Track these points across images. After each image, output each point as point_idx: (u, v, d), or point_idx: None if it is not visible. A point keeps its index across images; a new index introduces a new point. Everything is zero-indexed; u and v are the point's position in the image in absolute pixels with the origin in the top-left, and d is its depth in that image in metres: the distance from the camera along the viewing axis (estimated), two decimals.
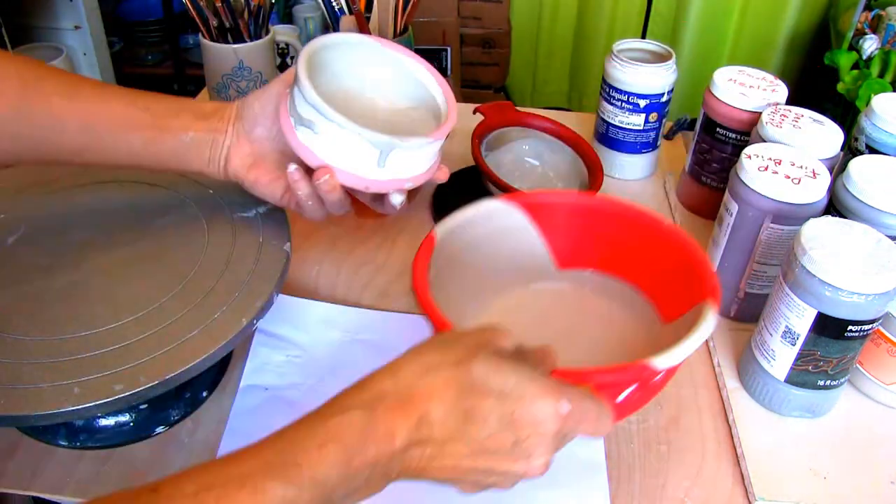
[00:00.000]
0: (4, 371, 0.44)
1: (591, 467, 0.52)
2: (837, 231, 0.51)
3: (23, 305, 0.49)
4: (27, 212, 0.57)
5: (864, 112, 0.65)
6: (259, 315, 0.49)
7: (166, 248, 0.54)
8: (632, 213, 0.57)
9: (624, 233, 0.58)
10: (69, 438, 0.52)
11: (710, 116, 0.73)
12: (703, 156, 0.76)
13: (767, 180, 0.57)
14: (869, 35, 1.53)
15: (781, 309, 0.53)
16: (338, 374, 0.54)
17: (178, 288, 0.51)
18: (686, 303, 0.50)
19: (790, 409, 0.56)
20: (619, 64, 0.79)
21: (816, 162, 0.59)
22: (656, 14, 2.13)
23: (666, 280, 0.55)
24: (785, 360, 0.54)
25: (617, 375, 0.44)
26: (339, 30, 0.90)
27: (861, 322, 0.50)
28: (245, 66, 0.88)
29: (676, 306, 0.53)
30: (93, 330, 0.47)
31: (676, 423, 0.56)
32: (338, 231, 0.75)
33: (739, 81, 0.72)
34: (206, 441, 0.53)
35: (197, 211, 0.58)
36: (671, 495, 0.51)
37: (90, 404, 0.42)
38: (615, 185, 0.84)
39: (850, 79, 1.44)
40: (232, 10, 0.87)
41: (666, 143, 0.92)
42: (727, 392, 0.58)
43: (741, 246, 0.61)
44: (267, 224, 0.57)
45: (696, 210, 0.79)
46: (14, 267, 0.52)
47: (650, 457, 0.54)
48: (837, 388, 0.55)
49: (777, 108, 0.67)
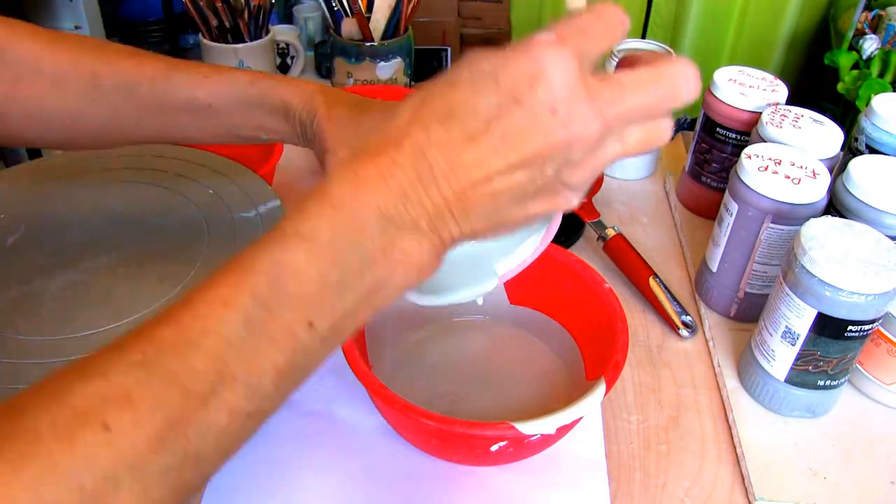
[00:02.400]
0: (4, 371, 0.44)
1: (591, 467, 0.52)
2: (837, 231, 0.51)
3: (23, 305, 0.49)
4: (27, 212, 0.57)
5: (864, 112, 0.65)
6: None
7: (166, 248, 0.54)
8: (577, 265, 0.57)
9: (568, 283, 0.57)
10: None
11: (710, 116, 0.73)
12: (703, 156, 0.76)
13: (767, 180, 0.57)
14: (869, 35, 1.53)
15: (781, 309, 0.53)
16: (337, 373, 0.54)
17: (178, 288, 0.51)
18: (601, 368, 0.49)
19: (790, 409, 0.56)
20: None
21: (816, 162, 0.59)
22: (656, 14, 2.13)
23: (596, 339, 0.55)
24: (785, 360, 0.54)
25: (483, 431, 0.44)
26: (341, 32, 0.90)
27: (861, 322, 0.50)
28: (245, 66, 0.88)
29: (596, 368, 0.52)
30: (93, 330, 0.47)
31: (676, 423, 0.56)
32: None
33: (739, 81, 0.72)
34: None
35: (197, 211, 0.58)
36: (671, 495, 0.51)
37: None
38: (615, 185, 0.84)
39: (850, 79, 1.44)
40: (232, 10, 0.87)
41: (666, 143, 0.92)
42: (727, 392, 0.58)
43: (741, 246, 0.61)
44: (267, 224, 0.57)
45: (696, 210, 0.79)
46: (14, 267, 0.52)
47: (650, 457, 0.54)
48: (837, 388, 0.55)
49: (777, 108, 0.67)
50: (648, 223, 0.78)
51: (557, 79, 0.29)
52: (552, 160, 0.30)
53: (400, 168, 0.30)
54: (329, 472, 0.51)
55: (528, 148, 0.30)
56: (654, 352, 0.63)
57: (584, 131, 0.30)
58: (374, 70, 0.89)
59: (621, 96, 0.30)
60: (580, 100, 0.29)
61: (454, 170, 0.30)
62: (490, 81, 0.30)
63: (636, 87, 0.31)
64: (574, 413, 0.45)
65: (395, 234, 0.30)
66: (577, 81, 0.29)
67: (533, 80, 0.29)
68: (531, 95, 0.29)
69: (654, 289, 0.66)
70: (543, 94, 0.29)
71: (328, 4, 0.90)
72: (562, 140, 0.30)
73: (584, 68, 0.30)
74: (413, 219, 0.30)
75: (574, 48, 0.29)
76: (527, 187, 0.31)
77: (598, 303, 0.54)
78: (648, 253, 0.72)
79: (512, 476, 0.51)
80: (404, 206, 0.30)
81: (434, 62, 2.24)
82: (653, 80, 0.31)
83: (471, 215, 0.31)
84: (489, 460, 0.50)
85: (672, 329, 0.64)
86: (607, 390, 0.46)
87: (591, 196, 0.73)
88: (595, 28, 0.30)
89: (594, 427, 0.55)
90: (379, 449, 0.53)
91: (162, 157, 0.64)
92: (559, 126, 0.29)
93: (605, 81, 0.30)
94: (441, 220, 0.31)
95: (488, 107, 0.30)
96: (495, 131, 0.29)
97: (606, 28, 0.31)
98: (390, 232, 0.30)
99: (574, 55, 0.29)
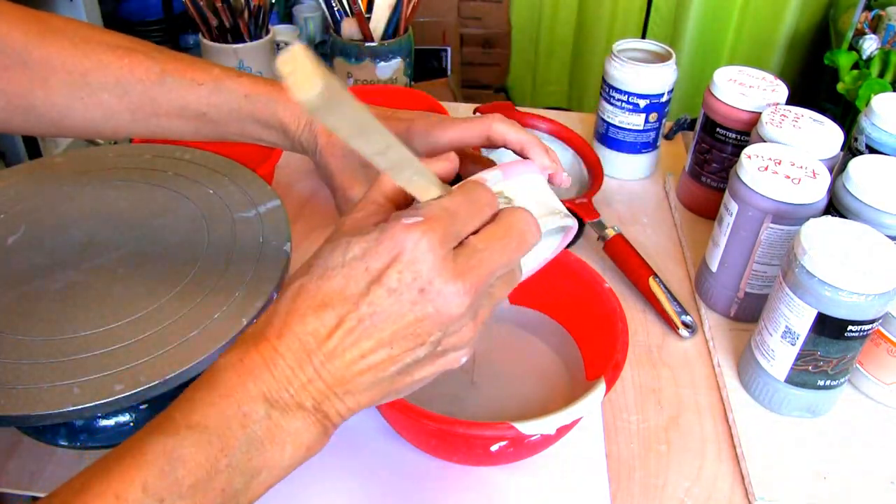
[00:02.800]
0: (4, 371, 0.44)
1: (591, 467, 0.52)
2: (837, 231, 0.51)
3: (23, 305, 0.49)
4: (27, 212, 0.57)
5: (864, 112, 0.65)
6: (259, 315, 0.49)
7: (166, 248, 0.54)
8: (576, 265, 0.57)
9: (568, 283, 0.57)
10: (69, 438, 0.52)
11: (710, 116, 0.73)
12: (703, 156, 0.76)
13: (767, 180, 0.57)
14: (869, 35, 1.53)
15: (781, 309, 0.53)
16: None
17: (178, 288, 0.51)
18: (601, 368, 0.49)
19: (790, 409, 0.56)
20: (619, 64, 0.79)
21: (816, 162, 0.59)
22: (656, 14, 2.13)
23: (595, 339, 0.55)
24: (785, 360, 0.54)
25: (483, 431, 0.44)
26: (341, 32, 0.90)
27: (861, 322, 0.50)
28: (245, 66, 0.88)
29: (596, 368, 0.53)
30: (93, 330, 0.47)
31: (676, 423, 0.56)
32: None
33: (739, 81, 0.72)
34: None
35: (197, 211, 0.58)
36: (671, 495, 0.51)
37: (90, 404, 0.42)
38: (615, 185, 0.84)
39: (850, 79, 1.44)
40: (232, 10, 0.87)
41: (666, 143, 0.92)
42: (727, 392, 0.58)
43: (741, 246, 0.61)
44: (267, 224, 0.57)
45: (696, 210, 0.79)
46: (14, 267, 0.52)
47: (650, 457, 0.54)
48: (837, 388, 0.55)
49: (777, 108, 0.67)
50: (648, 223, 0.78)
51: (424, 261, 0.31)
52: (429, 334, 0.32)
53: (281, 357, 0.32)
54: (329, 473, 0.51)
55: (398, 325, 0.32)
56: (654, 352, 0.63)
57: (456, 307, 0.32)
58: (374, 70, 0.89)
59: (480, 262, 0.32)
60: (446, 279, 0.31)
61: (330, 357, 0.32)
62: (360, 266, 0.32)
63: (492, 249, 0.33)
64: (574, 413, 0.45)
65: (280, 418, 0.31)
66: (443, 261, 0.31)
67: (400, 264, 0.31)
68: (399, 279, 0.31)
69: (654, 289, 0.66)
70: (411, 277, 0.31)
71: (328, 4, 0.90)
72: (432, 315, 0.32)
73: (448, 247, 0.32)
74: (298, 402, 0.32)
75: (442, 230, 0.31)
76: (405, 358, 0.32)
77: (598, 303, 0.54)
78: (648, 253, 0.72)
79: (512, 476, 0.51)
80: (287, 392, 0.32)
81: (434, 62, 2.24)
82: (503, 236, 0.33)
83: (354, 393, 0.33)
84: (489, 460, 0.51)
85: (672, 329, 0.64)
86: (607, 390, 0.46)
87: (591, 196, 0.73)
88: (464, 210, 0.33)
89: (594, 427, 0.55)
90: (379, 449, 0.53)
91: (162, 157, 0.64)
92: (428, 304, 0.31)
93: (466, 252, 0.32)
94: (326, 400, 0.32)
95: (359, 292, 0.32)
96: (366, 315, 0.31)
97: (475, 210, 0.33)
98: (275, 416, 0.31)
99: (439, 237, 0.31)
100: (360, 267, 0.32)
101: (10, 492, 0.50)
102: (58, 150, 1.47)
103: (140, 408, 0.53)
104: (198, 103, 0.49)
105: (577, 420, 0.47)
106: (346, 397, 0.33)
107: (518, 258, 0.34)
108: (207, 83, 0.49)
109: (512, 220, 0.34)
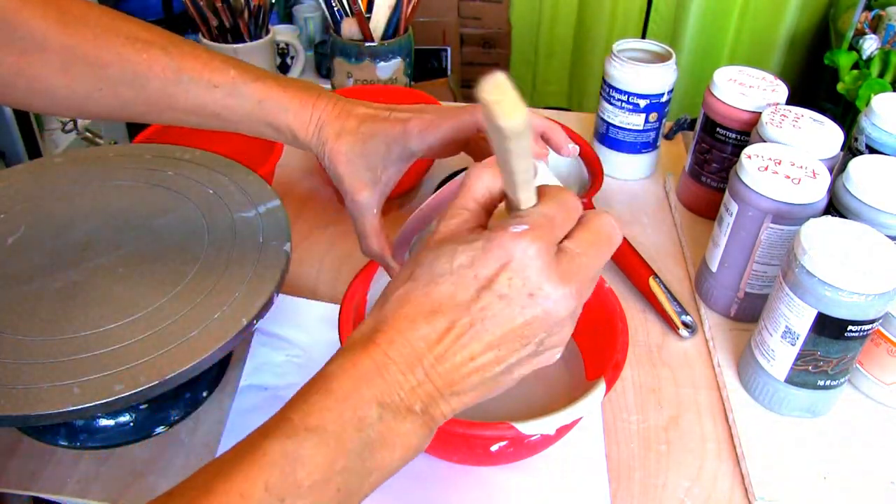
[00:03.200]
0: (4, 371, 0.44)
1: (591, 467, 0.52)
2: (837, 231, 0.51)
3: (23, 305, 0.49)
4: (27, 212, 0.57)
5: (864, 112, 0.65)
6: (259, 315, 0.49)
7: (166, 248, 0.54)
8: None
9: None
10: (69, 438, 0.52)
11: (710, 116, 0.73)
12: (703, 156, 0.76)
13: (767, 180, 0.57)
14: (869, 35, 1.53)
15: (781, 309, 0.53)
16: None
17: (178, 288, 0.51)
18: (601, 368, 0.49)
19: (790, 409, 0.56)
20: (619, 64, 0.79)
21: (816, 162, 0.59)
22: (656, 14, 2.13)
23: (596, 339, 0.55)
24: (785, 360, 0.54)
25: (483, 431, 0.44)
26: (341, 32, 0.90)
27: (861, 322, 0.50)
28: None
29: (596, 368, 0.53)
30: (93, 330, 0.47)
31: (676, 423, 0.56)
32: (338, 231, 0.75)
33: (739, 81, 0.72)
34: (206, 441, 0.53)
35: (197, 211, 0.58)
36: (671, 495, 0.51)
37: (90, 404, 0.42)
38: (615, 185, 0.84)
39: (850, 79, 1.44)
40: (232, 10, 0.87)
41: (666, 143, 0.92)
42: (727, 392, 0.58)
43: (741, 246, 0.61)
44: (267, 224, 0.57)
45: (696, 210, 0.79)
46: (14, 267, 0.52)
47: (650, 457, 0.54)
48: (837, 388, 0.55)
49: (777, 108, 0.67)
50: (648, 223, 0.78)
51: (532, 267, 0.32)
52: (535, 335, 0.34)
53: (393, 361, 0.33)
54: None
55: (507, 328, 0.33)
56: (654, 352, 0.63)
57: (565, 309, 0.33)
58: (374, 70, 0.89)
59: (580, 267, 0.34)
60: (555, 283, 0.33)
61: (440, 360, 0.33)
62: (469, 274, 0.33)
63: (589, 255, 0.34)
64: (574, 413, 0.45)
65: (391, 421, 0.33)
66: (549, 267, 0.33)
67: (510, 271, 0.32)
68: (510, 284, 0.32)
69: (654, 289, 0.66)
70: (521, 282, 0.32)
71: (328, 4, 0.90)
72: (540, 317, 0.33)
73: (552, 253, 0.33)
74: (408, 405, 0.33)
75: (546, 237, 0.33)
76: (509, 358, 0.34)
77: (598, 303, 0.54)
78: (648, 253, 0.72)
79: (512, 476, 0.51)
80: (399, 396, 0.33)
81: (434, 62, 2.24)
82: (596, 241, 0.35)
83: (461, 394, 0.34)
84: (489, 460, 0.51)
85: (672, 329, 0.64)
86: (607, 390, 0.46)
87: (591, 196, 0.73)
88: (560, 217, 0.34)
89: (594, 427, 0.55)
90: None
91: (162, 157, 0.64)
92: (538, 307, 0.33)
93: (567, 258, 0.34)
94: (433, 403, 0.34)
95: (469, 298, 0.33)
96: (476, 319, 0.33)
97: (568, 216, 0.35)
98: (388, 419, 0.32)
99: (545, 244, 0.33)
100: (469, 274, 0.33)
101: (10, 492, 0.50)
102: (58, 150, 1.47)
103: (140, 408, 0.53)
104: (213, 105, 0.50)
105: (577, 420, 0.47)
106: (453, 398, 0.34)
107: (607, 260, 0.36)
108: (223, 86, 0.50)
109: (600, 224, 0.35)
